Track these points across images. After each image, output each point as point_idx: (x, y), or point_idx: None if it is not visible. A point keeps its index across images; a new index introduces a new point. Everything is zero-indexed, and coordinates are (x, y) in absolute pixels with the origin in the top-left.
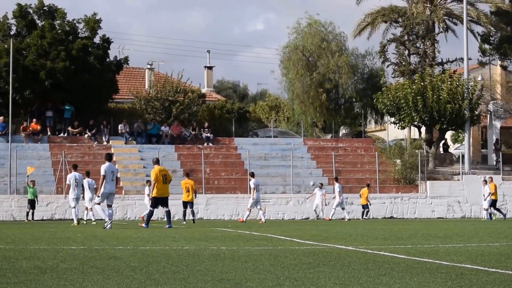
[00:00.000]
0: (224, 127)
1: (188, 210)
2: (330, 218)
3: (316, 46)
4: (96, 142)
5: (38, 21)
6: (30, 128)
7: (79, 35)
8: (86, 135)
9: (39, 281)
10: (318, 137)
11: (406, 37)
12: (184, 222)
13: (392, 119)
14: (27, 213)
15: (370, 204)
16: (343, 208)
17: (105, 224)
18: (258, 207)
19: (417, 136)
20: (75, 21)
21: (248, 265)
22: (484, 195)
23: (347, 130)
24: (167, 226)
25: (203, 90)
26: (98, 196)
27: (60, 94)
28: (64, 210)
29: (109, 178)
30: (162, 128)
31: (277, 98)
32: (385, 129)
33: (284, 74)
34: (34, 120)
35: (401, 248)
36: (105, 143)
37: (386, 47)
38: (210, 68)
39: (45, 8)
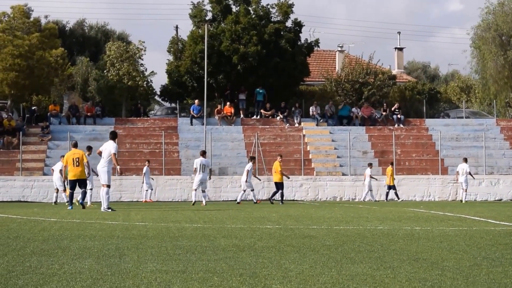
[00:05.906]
0: (415, 108)
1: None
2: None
3: (511, 25)
4: (288, 124)
5: (233, 6)
6: (224, 111)
7: (272, 20)
8: (278, 117)
9: (238, 258)
10: None
11: None
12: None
13: None
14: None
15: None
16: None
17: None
18: (202, 188)
19: None
20: (268, 6)
21: (444, 245)
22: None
23: None
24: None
25: (394, 72)
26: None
27: (253, 78)
28: (256, 191)
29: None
30: (353, 109)
31: (468, 78)
32: None
33: (476, 55)
34: (227, 103)
35: None
36: (296, 125)
37: None
38: (400, 49)
39: None
